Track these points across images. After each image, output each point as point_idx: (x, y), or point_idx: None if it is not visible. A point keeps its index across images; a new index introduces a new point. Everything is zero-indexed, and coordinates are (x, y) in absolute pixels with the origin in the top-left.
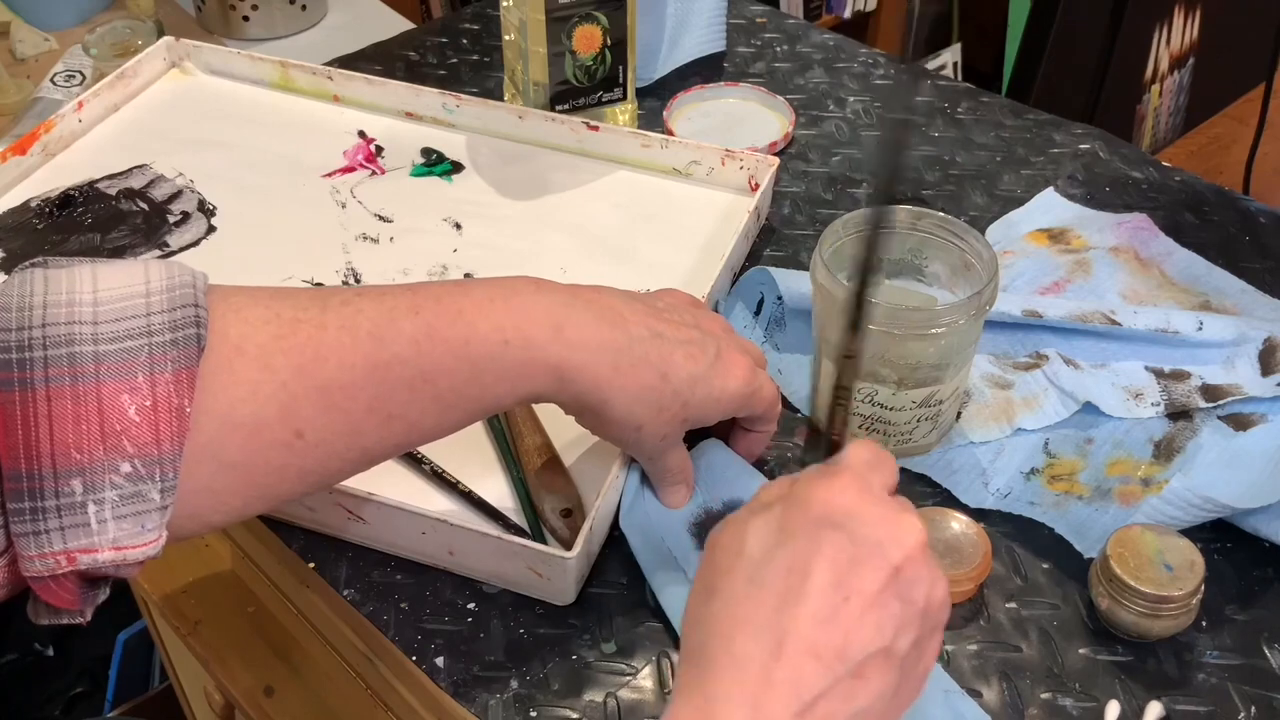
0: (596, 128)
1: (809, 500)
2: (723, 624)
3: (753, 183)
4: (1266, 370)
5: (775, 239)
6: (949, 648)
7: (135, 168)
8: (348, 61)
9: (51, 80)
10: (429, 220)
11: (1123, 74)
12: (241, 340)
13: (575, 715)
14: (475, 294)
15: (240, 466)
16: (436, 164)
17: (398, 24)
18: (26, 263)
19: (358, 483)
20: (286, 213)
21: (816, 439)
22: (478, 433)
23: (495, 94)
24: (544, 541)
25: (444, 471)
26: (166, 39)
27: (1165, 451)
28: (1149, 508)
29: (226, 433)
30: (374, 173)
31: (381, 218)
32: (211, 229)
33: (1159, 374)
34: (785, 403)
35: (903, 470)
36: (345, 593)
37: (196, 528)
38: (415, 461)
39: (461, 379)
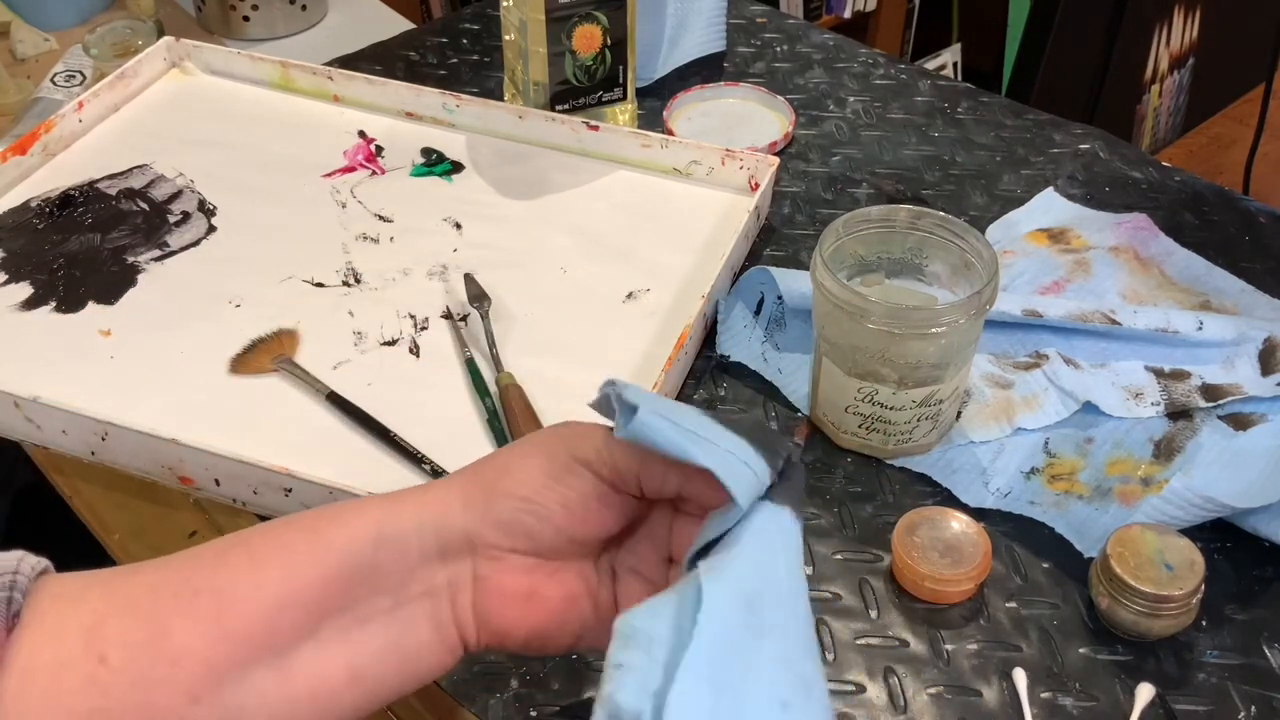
0: (596, 128)
1: None
2: None
3: (753, 183)
4: (1266, 370)
5: (775, 239)
6: (949, 647)
7: (135, 168)
8: (348, 61)
9: (51, 80)
10: (429, 220)
11: (1123, 74)
12: (61, 589)
13: (575, 715)
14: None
15: None
16: (436, 164)
17: (398, 24)
18: None
19: (357, 481)
20: (286, 213)
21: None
22: (478, 433)
23: (495, 94)
24: None
25: (444, 471)
26: (167, 39)
27: (1165, 451)
28: (1149, 507)
29: (25, 682)
30: (374, 173)
31: (381, 218)
32: (211, 229)
33: (1159, 374)
34: (785, 403)
35: (903, 470)
36: None
37: None
38: (416, 461)
39: (279, 527)
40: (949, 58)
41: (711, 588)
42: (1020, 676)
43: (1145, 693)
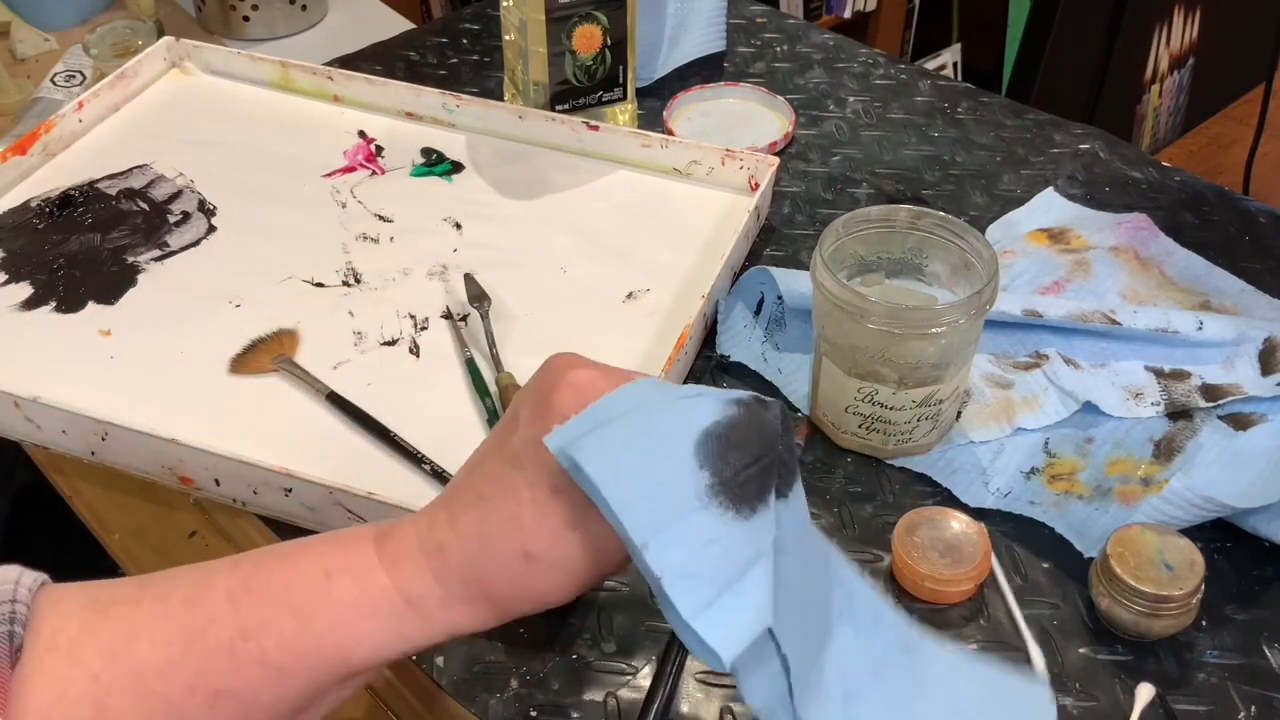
0: (596, 128)
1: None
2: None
3: (753, 182)
4: (1266, 370)
5: (775, 239)
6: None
7: (135, 168)
8: (348, 61)
9: (51, 80)
10: (429, 220)
11: (1123, 74)
12: (54, 634)
13: (575, 715)
14: (307, 538)
15: None
16: (436, 164)
17: (398, 24)
18: None
19: (357, 481)
20: (286, 213)
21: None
22: (478, 433)
23: (495, 94)
24: None
25: (444, 471)
26: (167, 39)
27: (1165, 451)
28: (1149, 507)
29: None
30: (374, 173)
31: (381, 218)
32: (211, 229)
33: (1159, 374)
34: (786, 403)
35: (903, 470)
36: None
37: None
38: (416, 461)
39: (290, 635)
40: (949, 58)
41: None
42: (1144, 690)
43: (1145, 693)
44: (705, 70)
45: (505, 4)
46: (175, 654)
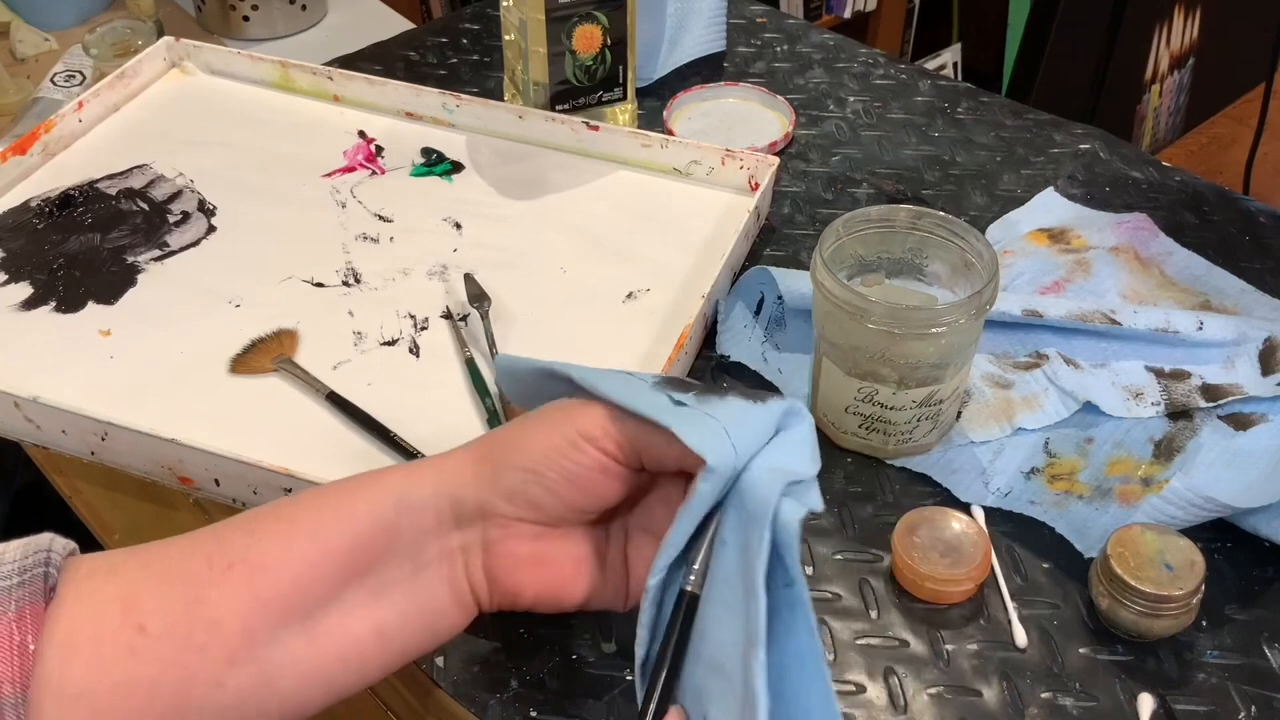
0: (596, 128)
1: None
2: None
3: (753, 182)
4: (1266, 370)
5: (775, 239)
6: (949, 647)
7: (135, 168)
8: (348, 61)
9: (51, 80)
10: (429, 220)
11: (1123, 74)
12: (93, 564)
13: (575, 715)
14: None
15: (84, 696)
16: (436, 164)
17: (398, 24)
18: None
19: None
20: (286, 213)
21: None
22: (478, 433)
23: (495, 94)
24: None
25: None
26: (166, 39)
27: (1165, 451)
28: (1149, 507)
29: (67, 654)
30: (374, 173)
31: (381, 217)
32: (211, 229)
33: (1159, 374)
34: None
35: (903, 470)
36: None
37: None
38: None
39: (307, 497)
40: (949, 58)
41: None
42: (1146, 700)
43: (1147, 703)
44: (705, 70)
45: (505, 4)
46: (200, 539)
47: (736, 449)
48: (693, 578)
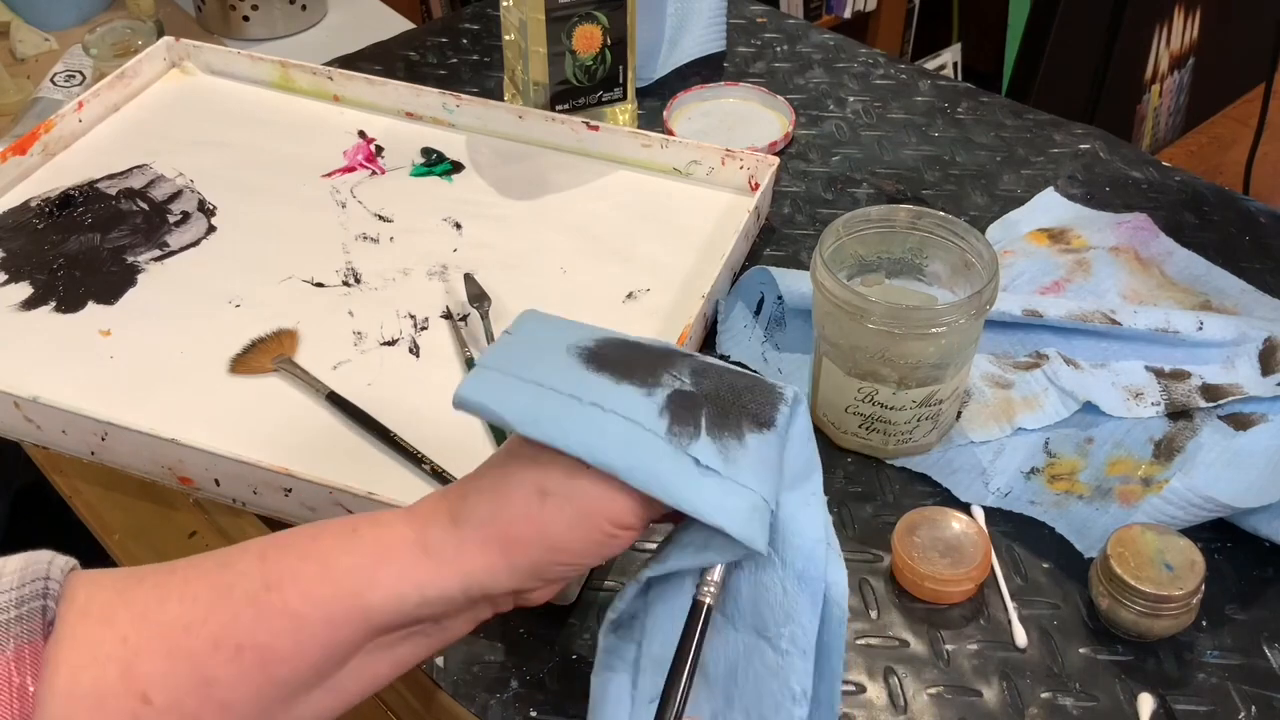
0: (596, 128)
1: None
2: None
3: (753, 182)
4: (1266, 370)
5: (775, 239)
6: (949, 647)
7: (135, 168)
8: (348, 61)
9: (51, 80)
10: (429, 220)
11: (1123, 74)
12: (88, 602)
13: (575, 715)
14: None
15: None
16: (436, 164)
17: (398, 24)
18: None
19: (357, 481)
20: (286, 213)
21: None
22: (478, 433)
23: (495, 94)
24: None
25: (444, 471)
26: (166, 39)
27: (1165, 451)
28: (1149, 507)
29: (70, 709)
30: (374, 173)
31: (381, 217)
32: (211, 229)
33: (1159, 374)
34: None
35: (902, 470)
36: None
37: None
38: (416, 461)
39: (311, 580)
40: (949, 58)
41: None
42: (1146, 700)
43: (1147, 703)
44: (705, 70)
45: (505, 4)
46: (202, 610)
47: (771, 506)
48: (710, 589)
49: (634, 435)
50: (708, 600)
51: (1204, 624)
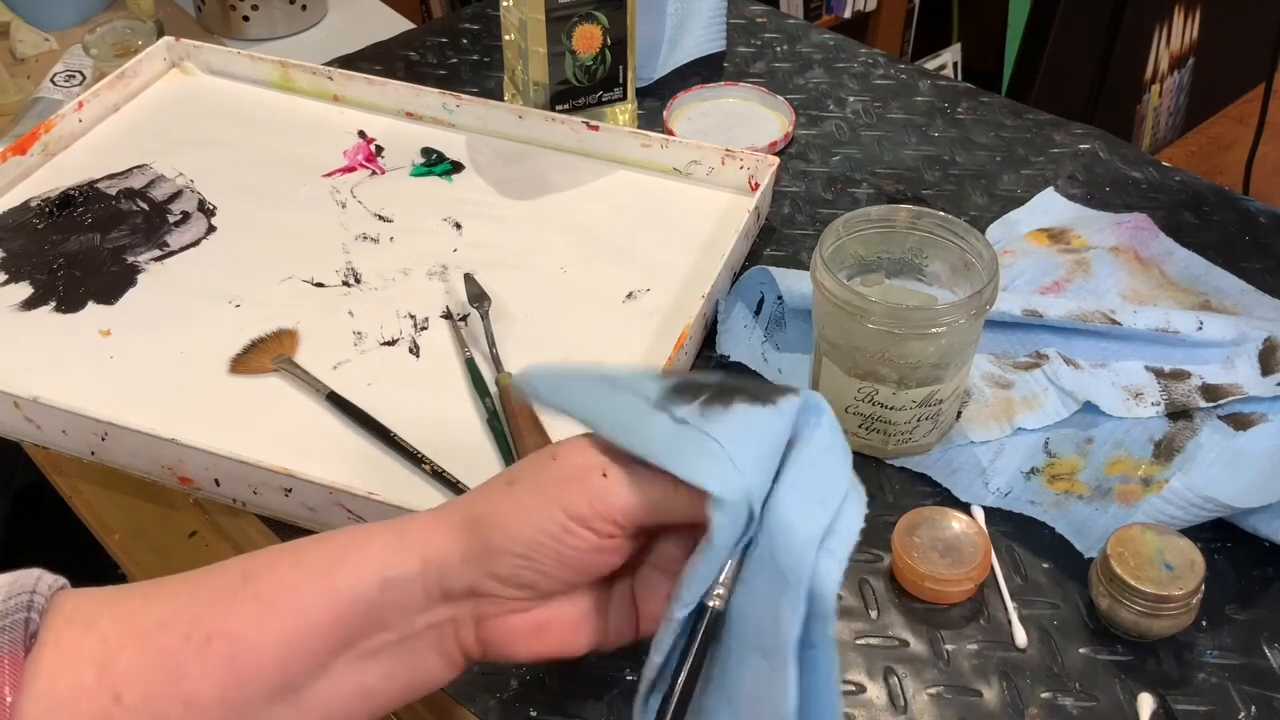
0: (596, 128)
1: None
2: None
3: (753, 182)
4: (1266, 370)
5: (775, 239)
6: (949, 647)
7: (135, 168)
8: (348, 61)
9: (51, 80)
10: (429, 220)
11: (1123, 74)
12: (74, 610)
13: (575, 715)
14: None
15: None
16: (436, 164)
17: (398, 24)
18: None
19: (357, 481)
20: (286, 213)
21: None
22: (478, 433)
23: (495, 94)
24: None
25: (444, 471)
26: (166, 39)
27: (1165, 451)
28: (1149, 507)
29: (44, 712)
30: (374, 173)
31: (381, 217)
32: (211, 229)
33: (1159, 374)
34: None
35: (902, 470)
36: None
37: None
38: (416, 461)
39: (286, 567)
40: (949, 58)
41: None
42: (1146, 700)
43: (1147, 703)
44: (705, 70)
45: (505, 4)
46: (180, 605)
47: (739, 467)
48: (720, 591)
49: (622, 399)
50: (713, 604)
51: (1204, 624)
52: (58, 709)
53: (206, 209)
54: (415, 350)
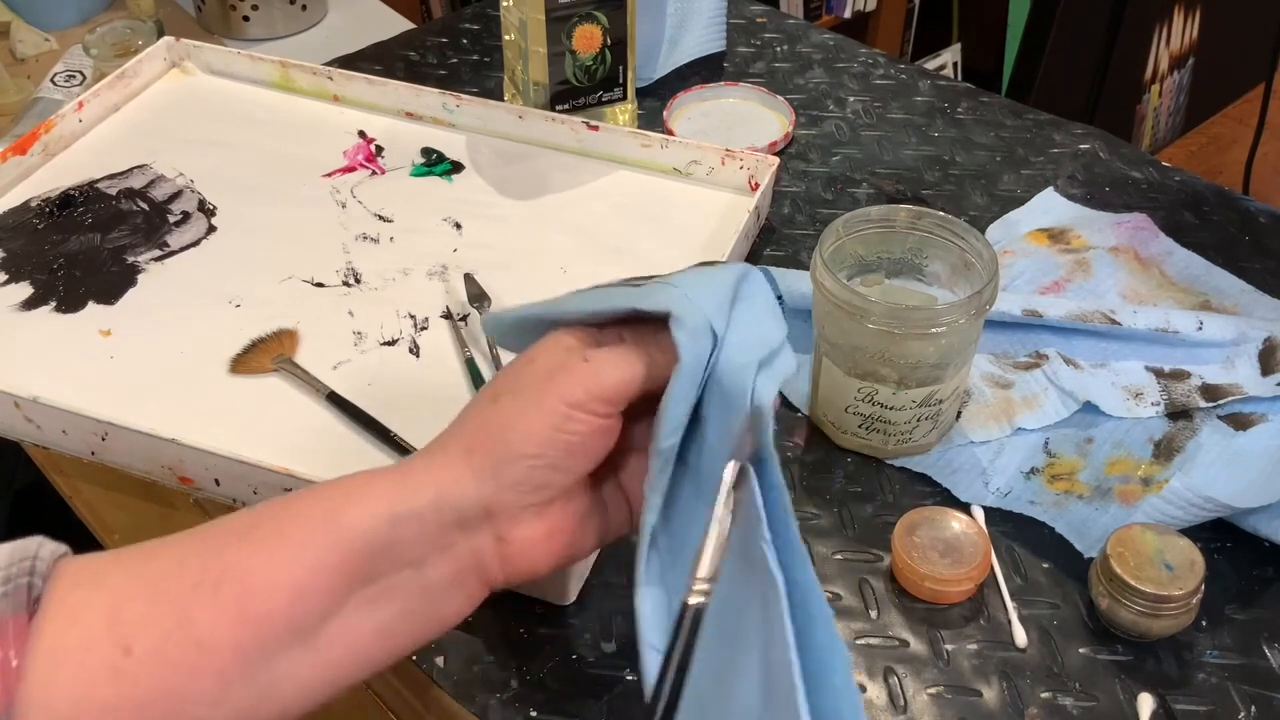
0: (596, 128)
1: None
2: None
3: (753, 182)
4: (1266, 370)
5: (775, 239)
6: (949, 647)
7: (135, 168)
8: (348, 61)
9: (51, 80)
10: (429, 220)
11: (1123, 74)
12: (79, 572)
13: (575, 715)
14: None
15: (71, 718)
16: (436, 164)
17: (398, 24)
18: None
19: None
20: (286, 213)
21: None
22: None
23: (495, 94)
24: None
25: None
26: (167, 39)
27: (1165, 451)
28: (1149, 507)
29: (52, 666)
30: (374, 173)
31: (381, 218)
32: (211, 229)
33: (1159, 374)
34: (785, 402)
35: (902, 470)
36: None
37: None
38: None
39: (295, 509)
40: (949, 58)
41: None
42: (1146, 700)
43: (1147, 703)
44: (705, 70)
45: (505, 4)
46: (186, 554)
47: (696, 300)
48: (704, 586)
49: (585, 294)
50: (694, 601)
51: (1204, 624)
52: (65, 666)
53: (206, 209)
54: (415, 350)
